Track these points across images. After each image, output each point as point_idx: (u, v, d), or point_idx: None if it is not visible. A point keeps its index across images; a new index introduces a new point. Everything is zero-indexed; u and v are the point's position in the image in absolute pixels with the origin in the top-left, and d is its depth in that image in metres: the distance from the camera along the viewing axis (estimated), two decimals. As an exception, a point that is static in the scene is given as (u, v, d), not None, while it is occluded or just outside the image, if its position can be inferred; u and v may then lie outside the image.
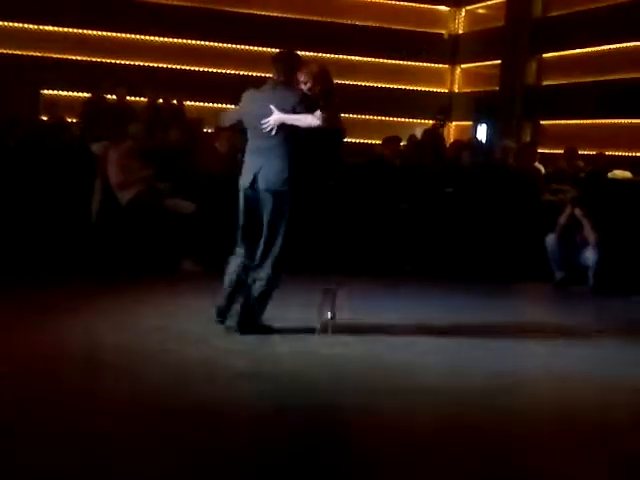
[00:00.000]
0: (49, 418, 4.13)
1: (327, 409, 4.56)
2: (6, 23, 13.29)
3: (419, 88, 15.70)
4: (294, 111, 5.80)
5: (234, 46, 14.53)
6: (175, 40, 14.22)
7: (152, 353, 5.34)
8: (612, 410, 4.77)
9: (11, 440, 3.79)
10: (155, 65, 14.05)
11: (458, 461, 3.89)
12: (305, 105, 5.83)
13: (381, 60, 15.38)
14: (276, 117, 5.79)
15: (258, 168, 5.85)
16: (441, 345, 6.01)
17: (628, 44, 12.43)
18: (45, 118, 11.26)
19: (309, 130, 5.81)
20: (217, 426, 4.16)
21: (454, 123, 15.82)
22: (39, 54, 13.41)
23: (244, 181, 5.96)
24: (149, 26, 13.85)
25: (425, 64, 15.85)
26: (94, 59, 13.61)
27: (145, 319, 6.22)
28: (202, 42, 14.35)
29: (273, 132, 5.80)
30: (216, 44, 14.45)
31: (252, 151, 5.97)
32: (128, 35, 13.98)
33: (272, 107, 5.78)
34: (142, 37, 14.06)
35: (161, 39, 14.15)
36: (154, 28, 13.91)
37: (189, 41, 14.29)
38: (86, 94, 12.17)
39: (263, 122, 5.80)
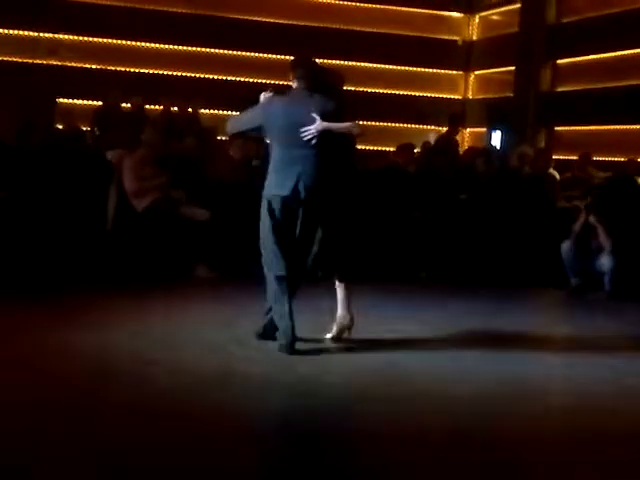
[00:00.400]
0: (61, 421, 4.15)
1: (337, 416, 4.55)
2: (23, 32, 13.37)
3: (433, 95, 15.68)
4: (335, 118, 5.72)
5: (248, 54, 14.56)
6: (189, 48, 14.26)
7: (167, 360, 5.34)
8: (619, 420, 4.73)
9: (27, 442, 3.80)
10: (170, 73, 14.09)
11: (468, 470, 3.88)
12: (343, 111, 5.80)
13: (395, 67, 15.38)
14: (320, 125, 5.65)
15: (297, 177, 5.68)
16: (456, 352, 5.99)
17: (641, 50, 12.39)
18: (61, 126, 11.31)
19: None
20: (230, 433, 4.16)
21: (468, 130, 15.79)
22: (55, 63, 13.47)
23: (279, 191, 5.72)
24: (164, 34, 13.89)
25: (439, 71, 15.84)
26: (109, 67, 13.67)
27: (160, 326, 6.24)
28: (215, 50, 14.39)
29: (314, 141, 5.67)
30: (230, 52, 14.48)
31: (285, 161, 5.73)
32: (143, 44, 14.03)
33: (315, 115, 5.66)
34: (157, 45, 14.11)
35: (176, 47, 14.20)
36: (169, 36, 13.96)
37: (203, 49, 14.33)
38: (99, 102, 12.22)
39: (304, 130, 5.64)
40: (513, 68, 14.75)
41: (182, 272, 8.29)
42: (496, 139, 14.55)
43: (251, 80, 14.40)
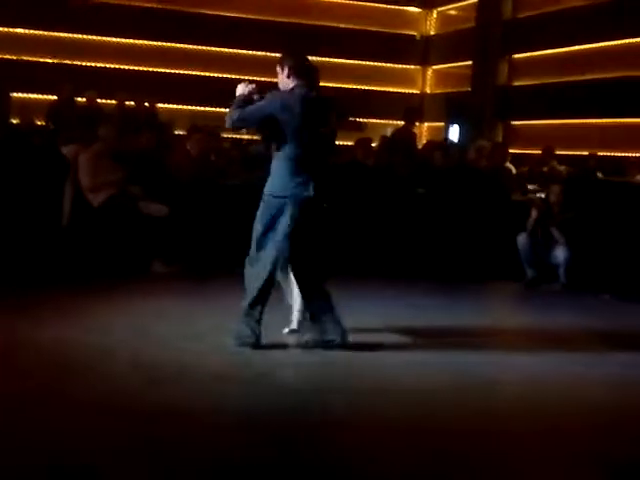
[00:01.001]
0: (18, 417, 4.11)
1: (292, 409, 4.57)
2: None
3: (391, 89, 15.75)
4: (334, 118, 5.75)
5: (206, 48, 14.50)
6: (147, 42, 14.17)
7: (123, 355, 5.32)
8: (581, 408, 4.81)
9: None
10: (126, 67, 13.99)
11: (429, 462, 3.91)
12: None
13: (353, 61, 15.41)
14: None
15: (314, 178, 5.60)
16: (411, 346, 6.02)
17: (596, 45, 12.54)
18: (15, 121, 11.17)
19: None
20: (187, 427, 4.15)
21: (426, 124, 15.88)
22: (8, 57, 13.30)
23: (305, 192, 5.56)
24: (120, 28, 13.79)
25: (397, 65, 15.90)
26: (65, 62, 13.53)
27: (116, 321, 6.20)
28: (173, 44, 14.31)
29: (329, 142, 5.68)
30: (187, 46, 14.41)
31: (303, 161, 5.57)
32: (99, 37, 13.90)
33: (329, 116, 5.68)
34: (113, 39, 14.00)
35: (132, 41, 14.10)
36: (126, 30, 13.85)
37: (160, 43, 14.25)
38: (54, 97, 12.09)
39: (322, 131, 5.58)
40: (470, 63, 14.86)
41: (140, 268, 8.24)
42: (454, 133, 14.66)
43: (210, 75, 14.37)
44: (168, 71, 14.27)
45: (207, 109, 14.05)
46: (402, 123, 12.37)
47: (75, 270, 7.86)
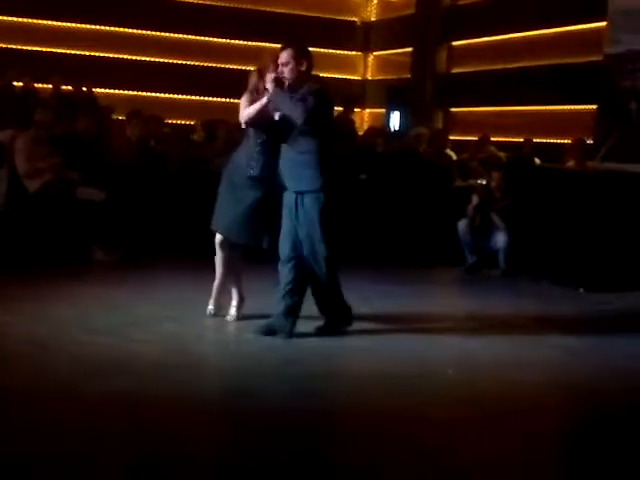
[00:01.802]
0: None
1: (229, 396, 4.56)
2: None
3: (332, 75, 15.72)
4: None
5: (144, 32, 14.29)
6: (84, 26, 13.92)
7: (62, 344, 5.24)
8: (518, 390, 4.88)
9: None
10: (64, 51, 13.72)
11: (370, 445, 3.93)
12: None
13: (294, 47, 15.34)
14: None
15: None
16: (357, 330, 6.04)
17: (535, 32, 12.70)
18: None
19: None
20: (131, 415, 4.11)
21: (367, 110, 15.92)
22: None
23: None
24: (59, 11, 13.51)
25: (338, 51, 15.89)
26: (1, 45, 13.22)
27: (55, 310, 6.10)
28: (112, 28, 14.08)
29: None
30: (127, 30, 14.19)
31: (328, 155, 5.72)
32: (36, 20, 13.61)
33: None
34: (51, 23, 13.71)
35: (70, 24, 13.83)
36: (64, 13, 13.58)
37: (99, 27, 14.01)
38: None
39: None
40: (410, 49, 14.93)
41: (80, 255, 8.12)
42: (395, 119, 14.73)
43: (149, 59, 14.19)
44: (107, 55, 14.04)
45: (147, 94, 13.89)
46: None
47: (12, 257, 7.70)
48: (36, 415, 4.05)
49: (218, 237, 5.93)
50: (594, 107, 11.08)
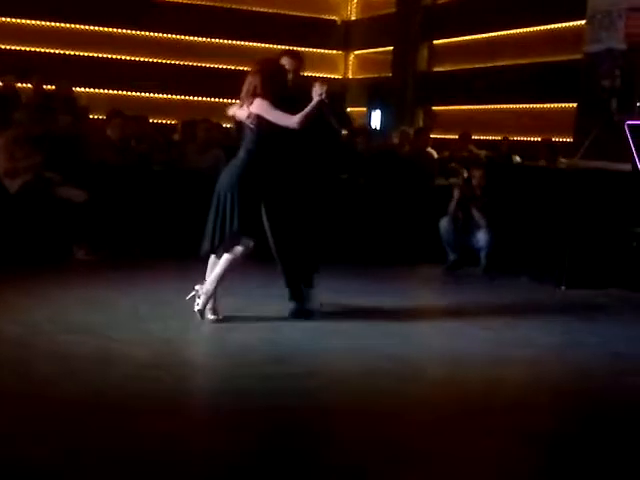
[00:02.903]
0: None
1: (214, 395, 4.55)
2: None
3: (314, 74, 15.72)
4: None
5: (129, 31, 14.25)
6: (65, 25, 13.85)
7: (43, 345, 5.20)
8: (502, 389, 4.90)
9: None
10: (43, 50, 13.65)
11: (354, 445, 3.94)
12: None
13: (275, 46, 15.32)
14: None
15: None
16: (338, 329, 6.06)
17: (515, 31, 12.76)
18: None
19: None
20: (112, 416, 4.09)
21: (348, 109, 15.91)
22: None
23: None
24: (39, 10, 13.44)
25: (319, 50, 15.89)
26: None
27: (35, 310, 6.06)
28: (95, 27, 14.02)
29: None
30: (110, 29, 14.13)
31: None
32: (16, 20, 13.53)
33: None
34: (31, 22, 13.64)
35: (50, 24, 13.76)
36: (44, 12, 13.51)
37: (80, 26, 13.94)
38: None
39: None
40: (391, 48, 14.95)
41: (59, 254, 8.08)
42: (376, 118, 14.75)
43: (132, 58, 14.14)
44: (86, 54, 13.98)
45: (129, 93, 13.84)
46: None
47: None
48: (14, 415, 4.02)
49: (246, 243, 5.91)
50: (574, 105, 11.14)
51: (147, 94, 14.03)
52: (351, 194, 9.68)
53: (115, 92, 13.82)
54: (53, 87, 11.61)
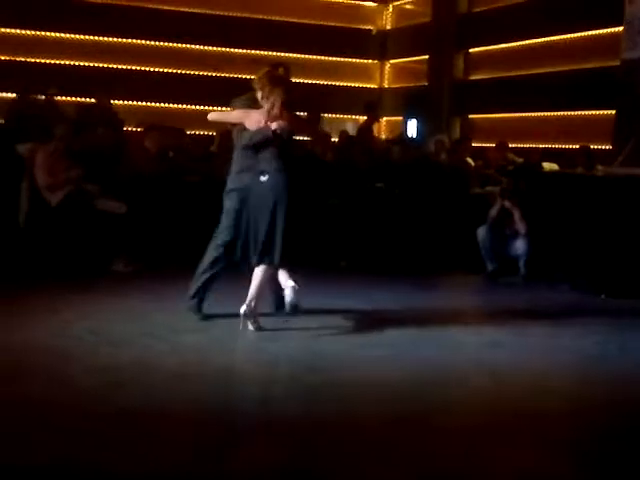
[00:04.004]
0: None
1: (256, 404, 4.56)
2: None
3: (349, 84, 15.77)
4: None
5: (165, 44, 14.37)
6: (103, 38, 14.00)
7: (83, 356, 5.26)
8: (544, 399, 4.85)
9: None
10: (82, 64, 13.81)
11: (388, 454, 3.92)
12: None
13: (311, 56, 15.38)
14: None
15: None
16: (378, 337, 6.06)
17: (551, 38, 12.67)
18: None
19: None
20: (151, 429, 4.12)
21: (384, 119, 15.92)
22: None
23: None
24: (77, 24, 13.60)
25: (355, 60, 15.91)
26: (23, 59, 13.32)
27: (76, 322, 6.14)
28: (131, 40, 14.15)
29: None
30: (147, 42, 14.26)
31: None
32: (55, 34, 13.72)
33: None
34: (70, 36, 13.81)
35: (89, 37, 13.92)
36: (83, 26, 13.67)
37: (117, 39, 14.08)
38: (13, 94, 11.89)
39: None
40: (427, 57, 14.92)
41: (100, 267, 8.17)
42: (412, 127, 14.72)
43: (169, 71, 14.25)
44: (124, 67, 14.12)
45: (166, 105, 13.96)
46: (362, 118, 12.40)
47: (34, 270, 7.76)
48: (55, 425, 4.07)
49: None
50: (612, 112, 11.03)
51: (184, 106, 14.14)
52: (387, 203, 9.70)
53: (152, 104, 13.94)
54: (92, 100, 11.76)
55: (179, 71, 14.25)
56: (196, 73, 14.35)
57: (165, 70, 14.27)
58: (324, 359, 5.45)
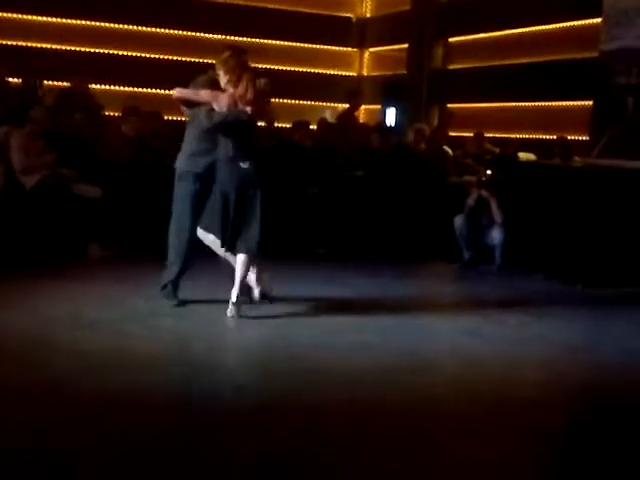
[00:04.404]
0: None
1: (233, 392, 4.56)
2: None
3: (328, 72, 15.73)
4: None
5: (143, 28, 14.25)
6: (80, 22, 13.86)
7: (60, 341, 5.23)
8: (520, 388, 4.88)
9: None
10: (60, 47, 13.68)
11: (365, 440, 3.94)
12: None
13: (290, 43, 15.33)
14: None
15: None
16: (355, 325, 6.08)
17: (530, 28, 12.69)
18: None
19: None
20: (127, 412, 4.11)
21: (363, 107, 15.90)
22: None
23: None
24: (56, 7, 13.46)
25: (334, 47, 15.86)
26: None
27: (51, 307, 6.10)
28: (110, 24, 14.02)
29: None
30: (125, 26, 14.14)
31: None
32: (34, 17, 13.54)
33: None
34: (49, 19, 13.66)
35: (66, 20, 13.77)
36: (61, 9, 13.52)
37: (96, 23, 13.94)
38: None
39: None
40: (406, 45, 14.91)
41: (75, 251, 8.12)
42: (390, 116, 14.72)
43: (146, 55, 14.15)
44: (102, 51, 14.00)
45: (143, 90, 13.85)
46: (340, 106, 12.37)
47: (8, 254, 7.69)
48: (32, 411, 4.04)
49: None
50: (590, 103, 11.08)
51: (162, 91, 14.05)
52: (366, 191, 9.69)
53: (130, 89, 13.83)
54: (68, 84, 11.64)
55: (158, 56, 14.15)
56: (175, 58, 14.25)
57: (144, 55, 14.15)
58: (301, 345, 5.46)
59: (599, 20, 10.94)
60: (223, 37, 14.35)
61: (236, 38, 14.32)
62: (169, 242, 6.33)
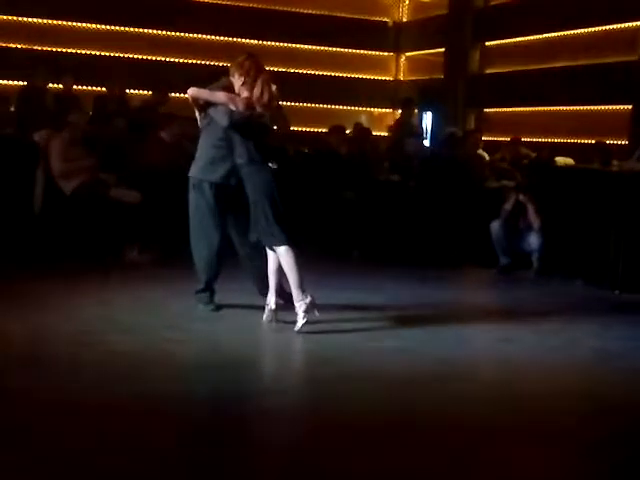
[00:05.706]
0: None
1: (266, 399, 4.56)
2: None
3: (365, 76, 15.73)
4: None
5: (181, 34, 14.37)
6: (121, 28, 14.00)
7: (95, 344, 5.26)
8: (560, 397, 4.81)
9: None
10: (98, 53, 13.83)
11: (407, 448, 3.92)
12: None
13: (326, 48, 15.36)
14: None
15: None
16: (390, 330, 6.05)
17: (568, 32, 12.60)
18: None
19: None
20: (164, 416, 4.13)
21: (399, 111, 15.87)
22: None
23: None
24: (91, 13, 13.61)
25: (370, 52, 15.86)
26: (35, 47, 13.34)
27: (87, 309, 6.16)
28: (147, 30, 14.15)
29: None
30: (161, 32, 14.26)
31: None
32: (70, 23, 13.72)
33: None
34: (84, 25, 13.82)
35: (103, 27, 13.93)
36: (97, 15, 13.67)
37: (135, 29, 14.08)
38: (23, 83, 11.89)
39: None
40: (443, 50, 14.87)
41: (113, 255, 8.20)
42: (427, 120, 14.67)
43: (183, 61, 14.25)
44: (143, 57, 14.12)
45: (178, 95, 13.95)
46: (376, 110, 12.34)
47: (48, 258, 7.78)
48: (61, 412, 4.07)
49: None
50: (629, 107, 10.97)
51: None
52: (401, 196, 9.68)
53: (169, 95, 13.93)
54: (105, 89, 11.74)
55: (195, 61, 14.24)
56: (212, 63, 14.33)
57: (183, 61, 14.25)
58: (336, 351, 5.44)
59: (639, 23, 10.83)
60: (259, 42, 14.41)
61: (272, 43, 14.42)
62: (195, 253, 6.29)
